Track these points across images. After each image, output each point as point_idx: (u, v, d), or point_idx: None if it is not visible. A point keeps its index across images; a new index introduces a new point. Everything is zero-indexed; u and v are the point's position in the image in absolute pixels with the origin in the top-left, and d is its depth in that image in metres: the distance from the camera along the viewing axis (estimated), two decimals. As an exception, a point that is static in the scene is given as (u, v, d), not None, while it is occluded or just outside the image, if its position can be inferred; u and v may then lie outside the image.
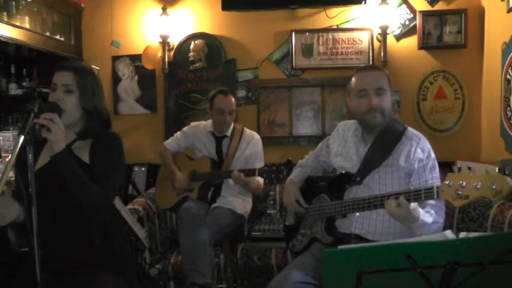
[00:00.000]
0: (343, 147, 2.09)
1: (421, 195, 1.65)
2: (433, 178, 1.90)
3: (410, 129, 2.03)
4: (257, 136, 3.10)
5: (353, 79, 2.02)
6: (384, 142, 1.97)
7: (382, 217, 1.90)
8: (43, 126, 1.49)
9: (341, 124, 2.20)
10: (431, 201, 1.80)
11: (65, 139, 1.56)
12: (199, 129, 3.09)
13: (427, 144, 1.96)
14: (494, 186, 1.41)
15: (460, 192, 1.48)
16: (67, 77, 1.70)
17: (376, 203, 1.79)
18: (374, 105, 1.91)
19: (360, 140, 2.04)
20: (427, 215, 1.77)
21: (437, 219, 1.81)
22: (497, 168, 1.44)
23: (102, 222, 1.71)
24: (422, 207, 1.78)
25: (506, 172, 1.42)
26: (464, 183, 1.47)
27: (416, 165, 1.90)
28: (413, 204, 1.68)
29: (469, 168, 1.49)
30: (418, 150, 1.93)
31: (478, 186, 1.44)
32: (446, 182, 1.53)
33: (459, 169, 1.51)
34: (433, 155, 1.95)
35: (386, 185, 1.91)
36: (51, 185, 1.61)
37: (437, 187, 1.59)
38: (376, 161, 1.94)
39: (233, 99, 3.01)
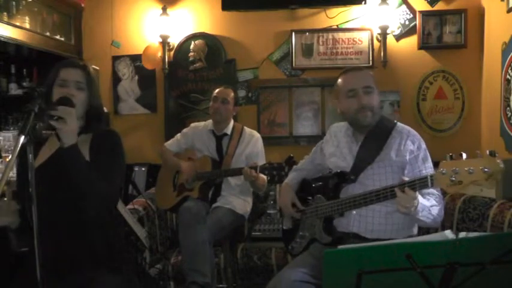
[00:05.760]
0: (337, 147, 2.11)
1: (416, 185, 1.65)
2: (427, 168, 1.91)
3: (400, 124, 2.05)
4: (257, 135, 3.09)
5: (340, 80, 2.05)
6: (374, 139, 1.99)
7: (379, 214, 1.92)
8: (60, 118, 1.51)
9: (333, 126, 2.23)
10: (428, 190, 1.81)
11: (77, 133, 1.57)
12: (198, 129, 3.10)
13: (417, 136, 1.98)
14: (486, 169, 1.41)
15: (453, 179, 1.48)
16: (77, 74, 1.71)
17: (371, 198, 1.80)
18: (364, 103, 1.94)
19: (351, 139, 2.07)
20: (425, 199, 1.79)
21: (435, 203, 1.83)
22: (488, 151, 1.43)
23: (102, 222, 1.71)
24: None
25: (497, 155, 1.41)
26: (457, 169, 1.47)
27: (408, 157, 1.92)
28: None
29: (461, 155, 1.48)
30: (409, 142, 1.95)
31: (471, 171, 1.44)
32: (440, 170, 1.52)
33: (451, 156, 1.50)
34: (423, 145, 1.97)
35: (380, 180, 1.92)
36: (51, 182, 1.61)
37: (431, 176, 1.60)
38: (369, 157, 1.96)
39: (232, 93, 3.03)
